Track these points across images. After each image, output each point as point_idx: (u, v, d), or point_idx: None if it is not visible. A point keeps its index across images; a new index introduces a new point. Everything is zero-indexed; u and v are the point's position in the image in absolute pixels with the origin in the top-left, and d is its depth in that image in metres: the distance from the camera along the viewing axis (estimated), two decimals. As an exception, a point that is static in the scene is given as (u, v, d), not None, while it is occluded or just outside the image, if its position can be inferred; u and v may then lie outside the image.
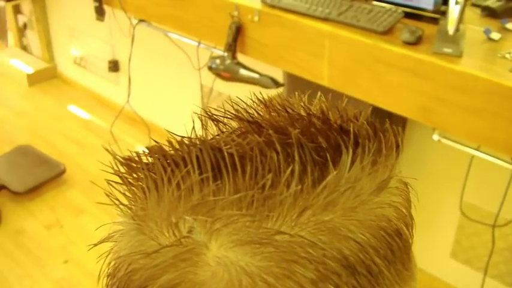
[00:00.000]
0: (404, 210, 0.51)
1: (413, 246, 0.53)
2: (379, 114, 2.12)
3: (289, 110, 0.52)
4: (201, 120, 0.54)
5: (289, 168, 0.45)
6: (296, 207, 0.45)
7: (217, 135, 0.53)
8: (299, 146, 0.46)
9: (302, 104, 0.54)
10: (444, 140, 2.27)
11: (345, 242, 0.45)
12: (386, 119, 0.54)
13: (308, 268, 0.43)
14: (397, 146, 0.52)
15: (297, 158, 0.46)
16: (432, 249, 2.89)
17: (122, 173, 0.51)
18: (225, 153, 0.47)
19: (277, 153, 0.46)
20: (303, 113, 0.52)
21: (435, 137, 2.28)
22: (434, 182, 2.74)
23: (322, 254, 0.44)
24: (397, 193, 0.51)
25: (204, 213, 0.45)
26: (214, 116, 0.53)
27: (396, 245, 0.49)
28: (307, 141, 0.47)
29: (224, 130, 0.53)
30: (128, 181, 0.50)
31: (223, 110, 0.53)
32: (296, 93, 0.56)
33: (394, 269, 0.48)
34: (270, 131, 0.48)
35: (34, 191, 3.84)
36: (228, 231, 0.44)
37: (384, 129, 0.52)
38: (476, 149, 2.24)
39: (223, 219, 0.45)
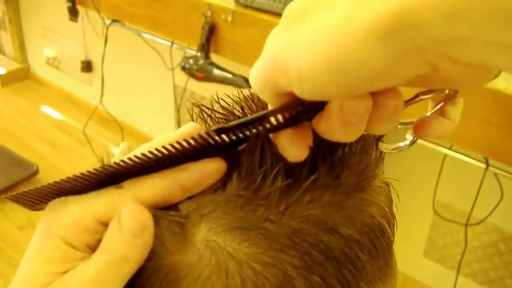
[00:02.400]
0: (386, 209, 0.52)
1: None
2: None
3: None
4: (191, 116, 0.54)
5: (280, 163, 0.46)
6: (284, 198, 0.45)
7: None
8: None
9: None
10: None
11: (330, 235, 0.46)
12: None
13: (294, 258, 0.44)
14: None
15: None
16: (405, 248, 2.90)
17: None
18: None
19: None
20: None
21: (408, 136, 2.28)
22: (408, 181, 2.75)
23: (308, 245, 0.45)
24: (380, 192, 0.53)
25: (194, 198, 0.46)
26: (204, 112, 0.54)
27: (379, 242, 0.50)
28: None
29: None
30: None
31: (211, 107, 0.54)
32: None
33: (377, 265, 0.49)
34: None
35: (7, 191, 3.78)
36: (217, 215, 0.45)
37: None
38: (449, 148, 2.25)
39: (213, 204, 0.46)
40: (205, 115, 0.53)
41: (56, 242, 0.45)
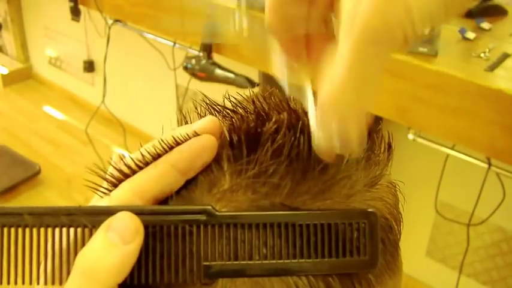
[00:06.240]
0: (393, 206, 0.54)
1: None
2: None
3: (290, 103, 0.54)
4: (198, 114, 0.54)
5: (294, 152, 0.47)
6: (296, 189, 0.46)
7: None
8: (304, 133, 0.48)
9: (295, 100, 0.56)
10: (419, 139, 2.27)
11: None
12: (380, 121, 0.57)
13: None
14: (389, 147, 0.55)
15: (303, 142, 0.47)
16: (407, 247, 2.89)
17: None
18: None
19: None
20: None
21: (410, 136, 2.28)
22: (410, 181, 2.75)
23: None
24: (388, 190, 0.54)
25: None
26: (218, 107, 0.54)
27: (387, 237, 0.51)
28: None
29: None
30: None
31: (222, 104, 0.54)
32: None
33: (385, 259, 0.50)
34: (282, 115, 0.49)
35: (9, 191, 3.80)
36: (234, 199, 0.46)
37: (377, 130, 0.54)
38: (451, 148, 2.25)
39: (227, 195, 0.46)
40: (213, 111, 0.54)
41: None
